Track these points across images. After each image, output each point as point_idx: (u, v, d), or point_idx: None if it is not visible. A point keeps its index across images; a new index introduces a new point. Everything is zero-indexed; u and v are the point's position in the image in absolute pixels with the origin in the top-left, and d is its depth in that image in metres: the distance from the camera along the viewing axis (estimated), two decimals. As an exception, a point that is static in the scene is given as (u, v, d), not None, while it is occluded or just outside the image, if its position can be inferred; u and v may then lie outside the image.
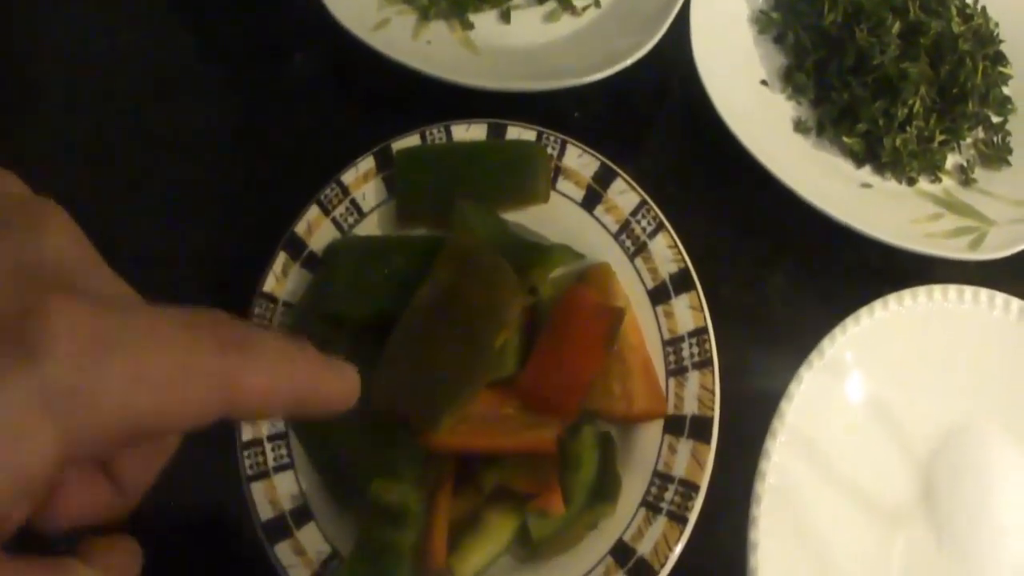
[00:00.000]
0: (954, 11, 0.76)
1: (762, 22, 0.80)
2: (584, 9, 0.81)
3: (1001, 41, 0.78)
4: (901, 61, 0.72)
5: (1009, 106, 0.77)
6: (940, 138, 0.73)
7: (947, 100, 0.74)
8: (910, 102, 0.72)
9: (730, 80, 0.73)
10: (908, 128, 0.72)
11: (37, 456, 0.25)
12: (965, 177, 0.74)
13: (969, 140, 0.76)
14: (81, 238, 0.30)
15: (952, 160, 0.75)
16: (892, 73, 0.72)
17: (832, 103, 0.74)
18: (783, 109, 0.76)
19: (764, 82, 0.77)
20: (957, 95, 0.74)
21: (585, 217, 0.67)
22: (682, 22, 0.74)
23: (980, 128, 0.76)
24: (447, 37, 0.78)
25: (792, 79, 0.77)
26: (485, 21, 0.80)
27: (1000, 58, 0.78)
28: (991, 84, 0.75)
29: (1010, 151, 0.75)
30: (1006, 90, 0.77)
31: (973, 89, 0.73)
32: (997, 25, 0.79)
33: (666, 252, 0.65)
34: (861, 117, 0.72)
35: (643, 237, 0.66)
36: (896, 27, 0.73)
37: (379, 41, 0.72)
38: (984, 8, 0.79)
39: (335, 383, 0.33)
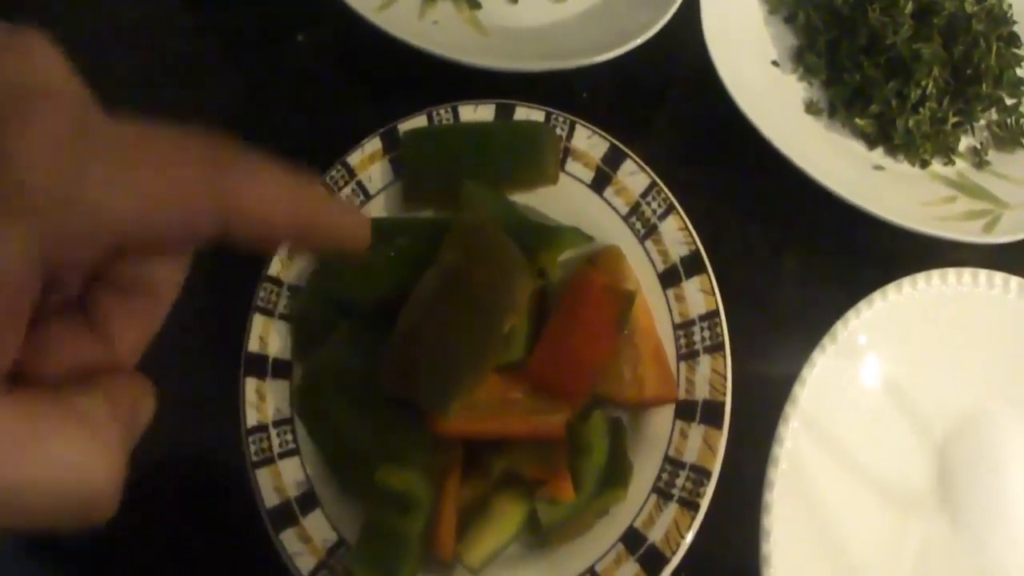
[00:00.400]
0: (967, -8, 0.75)
1: (773, 2, 0.78)
2: (594, -12, 0.79)
3: (1015, 22, 0.77)
4: (914, 42, 0.71)
5: (1023, 87, 0.76)
6: (953, 120, 0.72)
7: (960, 81, 0.73)
8: (923, 83, 0.71)
9: (741, 60, 0.72)
10: (921, 110, 0.71)
11: (8, 255, 0.24)
12: (979, 159, 0.73)
13: (983, 122, 0.75)
14: (65, 64, 0.29)
15: (965, 142, 0.74)
16: (905, 54, 0.71)
17: (844, 84, 0.73)
18: (794, 90, 0.75)
19: (775, 63, 0.76)
20: (971, 76, 0.73)
21: (594, 199, 0.66)
22: (692, 2, 0.73)
23: (994, 110, 0.75)
24: (454, 17, 0.77)
25: (803, 60, 0.76)
26: (492, 1, 0.78)
27: (1014, 39, 0.76)
28: (1005, 65, 0.74)
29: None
30: (1020, 71, 0.76)
31: (987, 70, 0.72)
32: (1011, 6, 0.77)
33: (676, 235, 0.64)
34: (873, 98, 0.71)
35: (653, 219, 0.65)
36: (909, 7, 0.72)
37: (385, 20, 0.71)
38: (998, -12, 0.78)
39: (344, 216, 0.31)
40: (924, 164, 0.72)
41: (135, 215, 0.25)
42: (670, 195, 0.65)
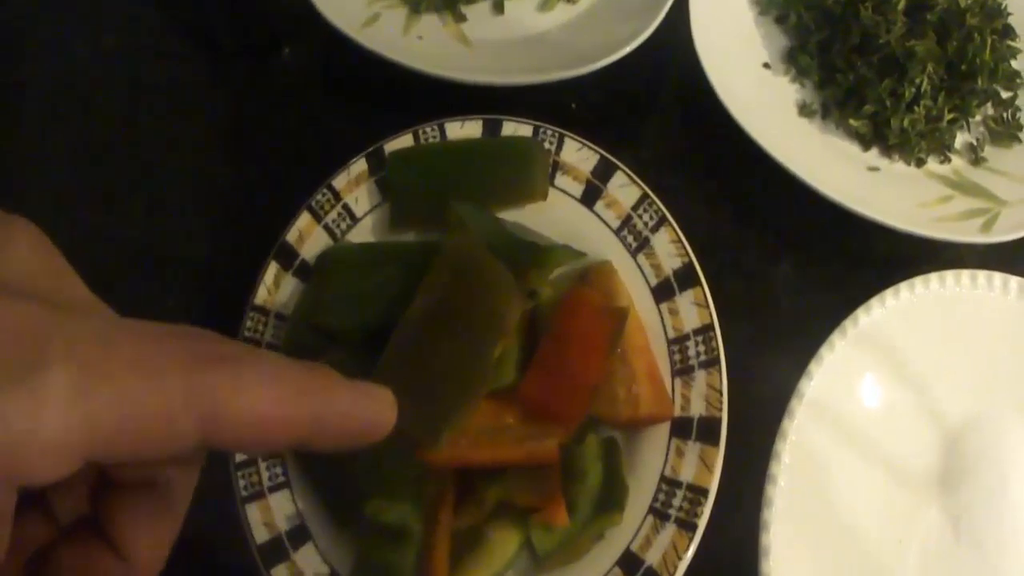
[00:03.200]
0: (960, -15, 0.73)
1: (763, 3, 0.77)
2: (579, -5, 0.78)
3: (1009, 14, 0.75)
4: (907, 39, 0.69)
5: (1018, 80, 0.74)
6: (949, 116, 0.71)
7: (955, 77, 0.71)
8: (917, 81, 0.69)
9: (731, 64, 0.71)
10: (916, 108, 0.70)
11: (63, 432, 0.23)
12: (975, 156, 0.72)
13: (978, 118, 0.73)
14: (50, 250, 0.28)
15: (961, 139, 0.73)
16: (898, 52, 0.69)
17: (837, 85, 0.72)
18: (787, 92, 0.74)
19: (767, 65, 0.75)
20: (966, 71, 0.71)
21: (585, 213, 0.65)
22: (680, 5, 0.72)
23: (990, 104, 0.74)
24: (439, 31, 0.76)
25: (795, 61, 0.74)
26: (477, 12, 0.78)
27: (1008, 31, 0.75)
28: (1000, 59, 0.72)
29: (1020, 127, 0.72)
30: (1016, 64, 0.75)
31: (982, 65, 0.71)
32: (1005, -3, 0.76)
33: (669, 247, 0.63)
34: (867, 98, 0.70)
35: (645, 232, 0.64)
36: (901, 4, 0.71)
37: (369, 38, 0.70)
38: (992, -20, 0.76)
39: (359, 403, 0.28)
40: (920, 163, 0.71)
41: (109, 429, 0.23)
42: (662, 207, 0.64)
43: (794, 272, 0.70)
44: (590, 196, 0.65)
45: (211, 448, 0.26)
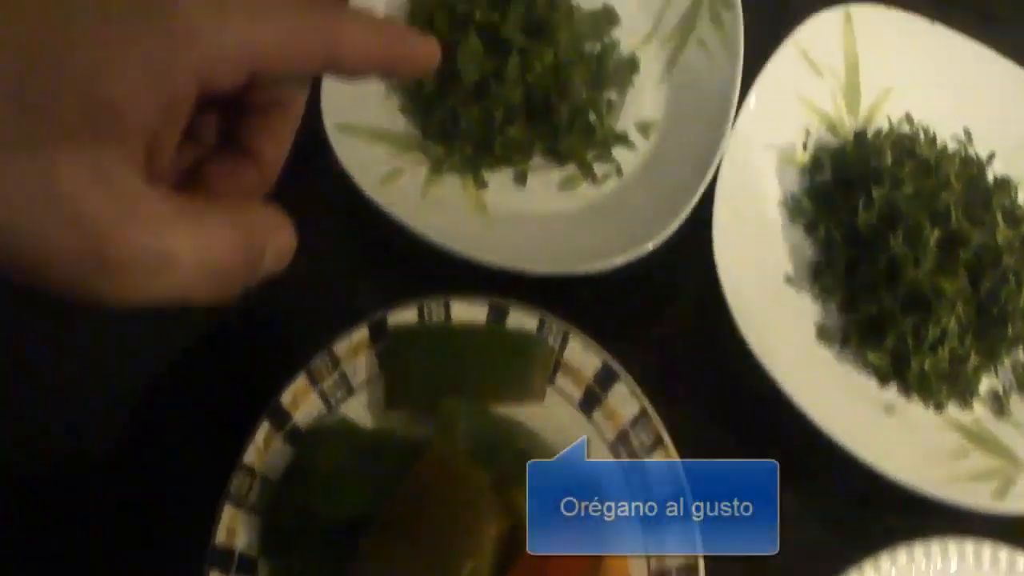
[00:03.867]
0: (1000, 217, 0.70)
1: (793, 209, 0.75)
2: (605, 178, 0.76)
3: (1050, 253, 0.72)
4: (938, 275, 0.66)
5: (1053, 326, 0.71)
6: (975, 361, 0.67)
7: (986, 319, 0.68)
8: (944, 321, 0.66)
9: (751, 273, 0.68)
10: (940, 349, 0.66)
11: (180, 76, 0.30)
12: (999, 406, 0.68)
13: (1007, 363, 0.70)
14: None
15: (987, 383, 0.69)
16: (926, 288, 0.66)
17: (860, 312, 0.69)
18: (807, 311, 0.71)
19: (789, 278, 0.72)
20: (997, 315, 0.68)
21: (582, 421, 0.63)
22: (707, 202, 0.69)
23: (1021, 350, 0.70)
24: (459, 195, 0.74)
25: (820, 278, 0.71)
26: (499, 181, 0.75)
27: (1047, 274, 0.72)
28: (1034, 303, 0.69)
29: (1055, 380, 0.69)
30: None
31: (1015, 312, 0.68)
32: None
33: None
34: (887, 333, 0.67)
35: (640, 452, 0.61)
36: (935, 236, 0.67)
37: (387, 197, 0.68)
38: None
39: (419, 46, 0.38)
40: (939, 407, 0.68)
41: (269, 50, 0.32)
42: (660, 428, 0.61)
43: (794, 506, 0.66)
44: (589, 403, 0.63)
45: (327, 70, 0.35)
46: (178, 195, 0.32)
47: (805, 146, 0.76)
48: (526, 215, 0.74)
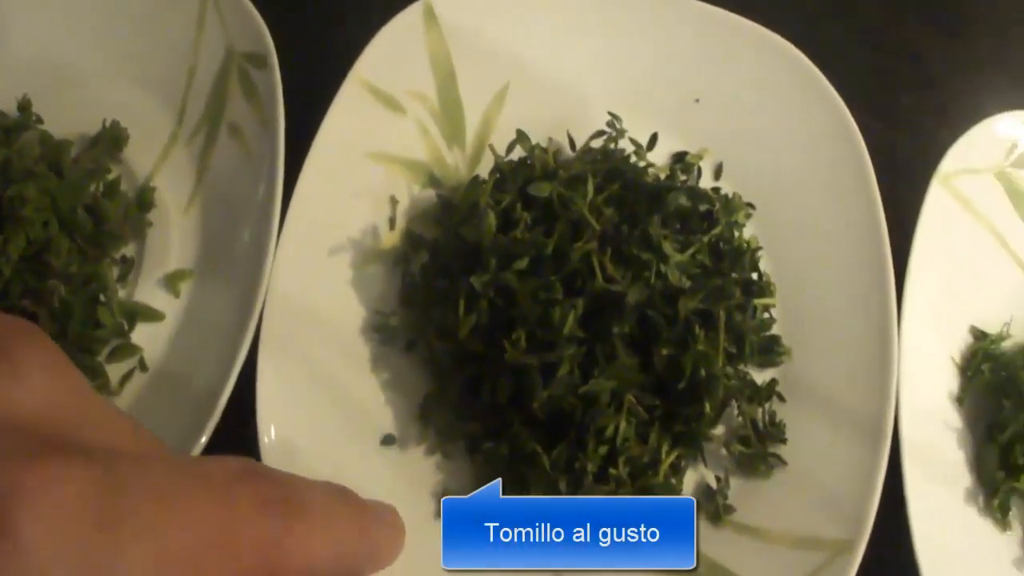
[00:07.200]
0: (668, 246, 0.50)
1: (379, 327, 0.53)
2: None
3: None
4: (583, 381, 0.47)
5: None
6: (669, 458, 0.49)
7: (671, 399, 0.49)
8: (608, 431, 0.47)
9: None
10: (614, 468, 0.48)
11: None
12: (716, 507, 0.50)
13: (719, 433, 0.52)
14: (66, 367, 0.26)
15: (692, 478, 0.51)
16: (571, 404, 0.47)
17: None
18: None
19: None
20: (684, 391, 0.49)
21: None
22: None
23: (736, 408, 0.52)
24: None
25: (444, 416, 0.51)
26: None
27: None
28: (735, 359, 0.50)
29: (783, 439, 0.51)
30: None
31: (709, 378, 0.48)
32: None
33: None
34: (532, 481, 0.48)
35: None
36: (571, 321, 0.47)
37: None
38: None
39: (383, 536, 0.30)
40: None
41: None
42: None
43: None
44: None
45: None
46: None
47: (392, 224, 0.54)
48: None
